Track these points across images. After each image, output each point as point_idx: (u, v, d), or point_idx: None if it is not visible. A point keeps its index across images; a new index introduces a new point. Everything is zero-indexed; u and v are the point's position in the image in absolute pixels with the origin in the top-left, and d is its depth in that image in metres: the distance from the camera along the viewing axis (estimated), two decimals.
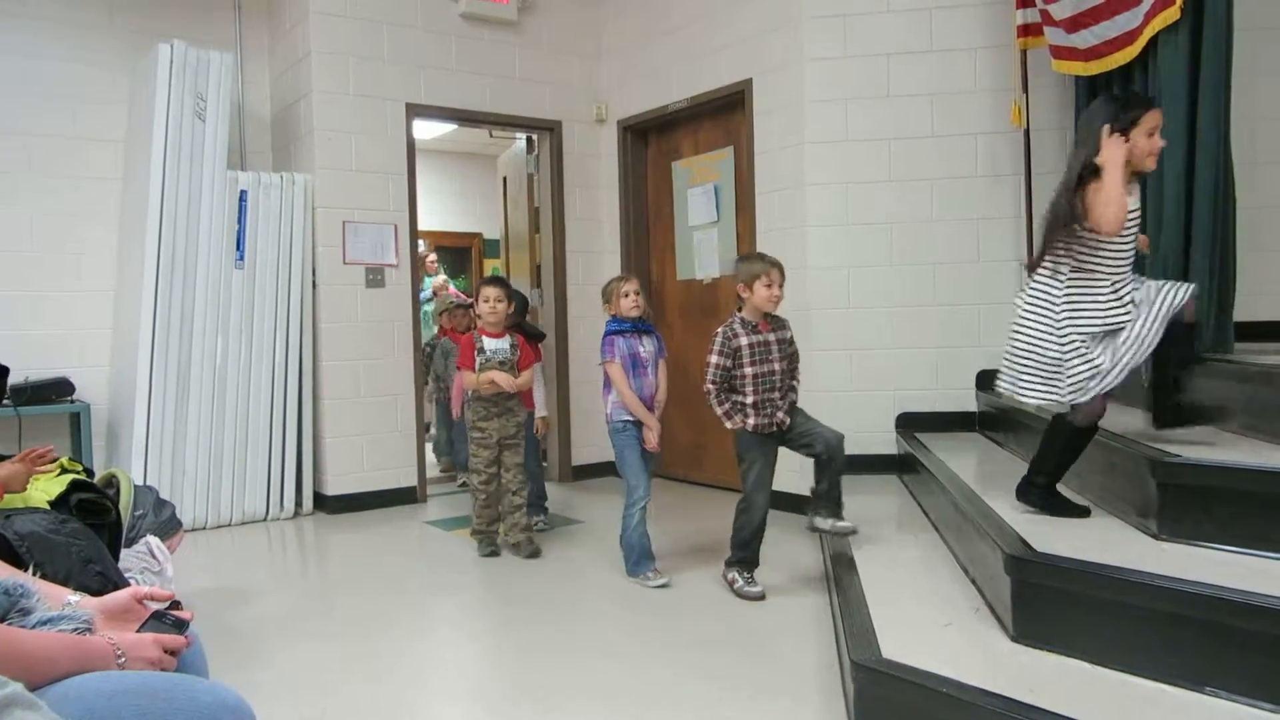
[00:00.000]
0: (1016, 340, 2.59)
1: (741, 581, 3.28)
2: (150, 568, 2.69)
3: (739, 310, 3.32)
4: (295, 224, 4.92)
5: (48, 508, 2.24)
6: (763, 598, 3.23)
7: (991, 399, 4.14)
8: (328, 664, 2.78)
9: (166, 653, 1.32)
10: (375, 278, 5.12)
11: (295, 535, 4.66)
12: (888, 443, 4.39)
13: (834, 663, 2.61)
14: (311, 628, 3.17)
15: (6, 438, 4.20)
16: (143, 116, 4.75)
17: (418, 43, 5.22)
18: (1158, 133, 2.47)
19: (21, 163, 4.77)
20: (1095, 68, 3.67)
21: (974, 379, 4.37)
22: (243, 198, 4.81)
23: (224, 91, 4.77)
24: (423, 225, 5.79)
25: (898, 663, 2.08)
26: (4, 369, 4.30)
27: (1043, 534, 2.35)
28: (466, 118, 5.53)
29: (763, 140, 4.73)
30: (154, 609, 1.39)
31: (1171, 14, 3.10)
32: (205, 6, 5.25)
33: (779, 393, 3.26)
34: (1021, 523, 2.48)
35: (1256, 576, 1.92)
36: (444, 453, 6.28)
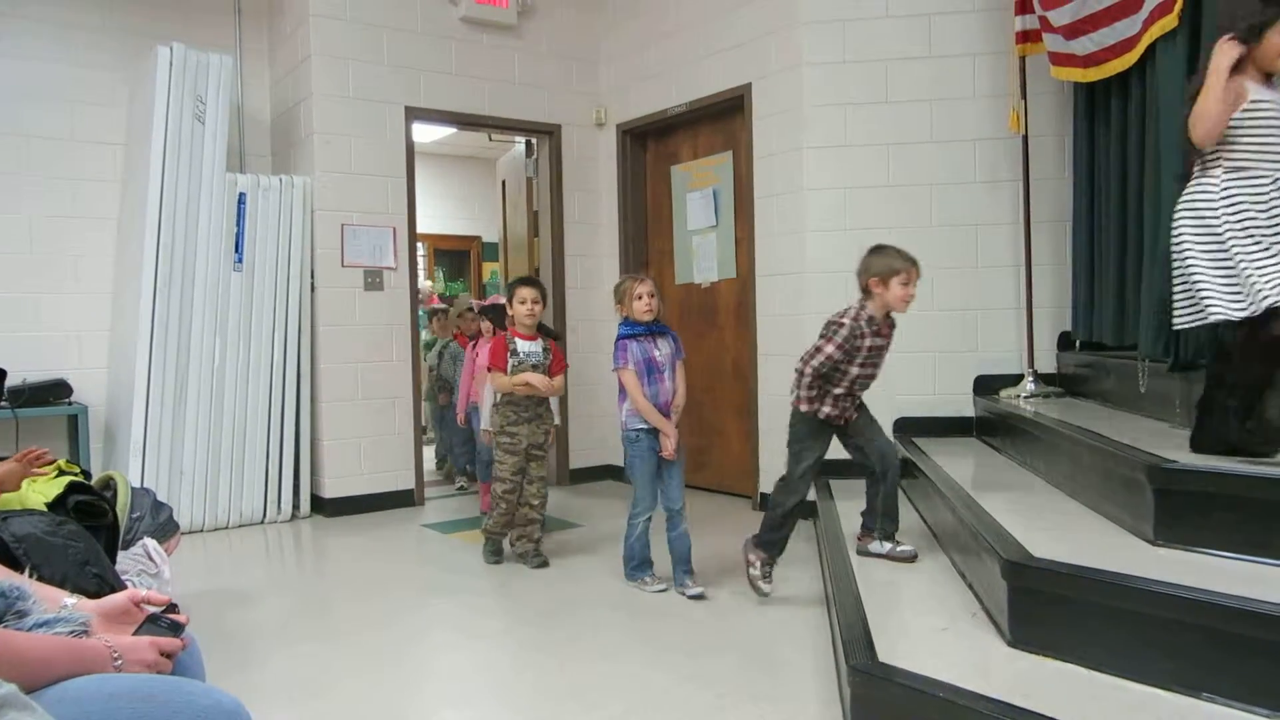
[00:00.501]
0: (1184, 259, 2.40)
1: (758, 569, 3.18)
2: (147, 570, 2.68)
3: (864, 305, 3.06)
4: (294, 226, 4.92)
5: (45, 510, 2.23)
6: (767, 596, 3.19)
7: (989, 404, 4.15)
8: (324, 667, 2.78)
9: (163, 655, 1.32)
10: (374, 280, 5.12)
11: (292, 538, 4.66)
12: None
13: (831, 667, 2.61)
14: (308, 631, 3.16)
15: (4, 440, 4.20)
16: (142, 119, 4.75)
17: (417, 46, 5.22)
18: None
19: (21, 165, 4.77)
20: (1094, 74, 3.68)
21: (971, 384, 4.38)
22: (242, 200, 4.81)
23: (223, 94, 4.78)
24: (421, 228, 5.78)
25: (894, 667, 2.09)
26: (1, 371, 4.32)
27: (1039, 540, 2.35)
28: (466, 121, 5.53)
29: (762, 145, 4.74)
30: (150, 612, 1.39)
31: (1169, 21, 3.11)
32: (205, 9, 5.26)
33: (863, 392, 3.15)
34: (1018, 528, 2.48)
35: (1252, 583, 1.92)
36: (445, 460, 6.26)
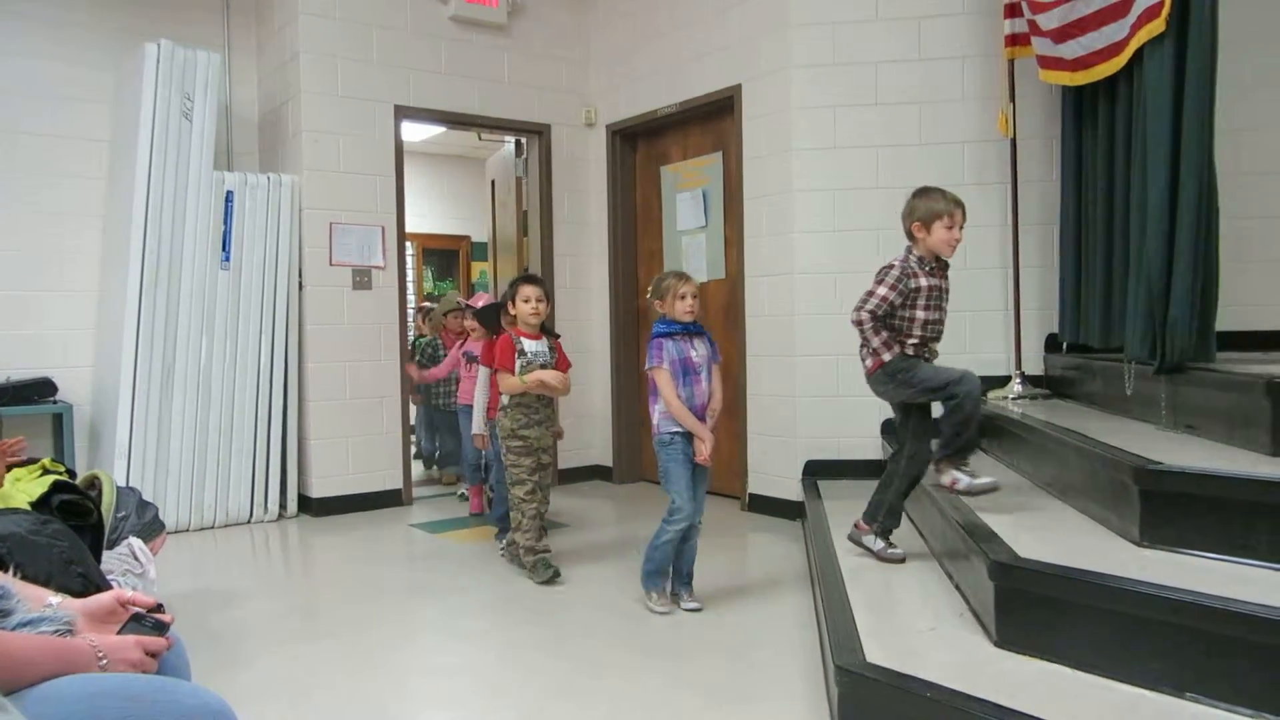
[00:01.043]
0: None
1: (884, 544, 3.07)
2: (133, 569, 2.67)
3: (910, 249, 2.98)
4: (282, 225, 4.90)
5: (29, 509, 2.22)
6: (903, 560, 3.05)
7: None
8: (310, 667, 2.77)
9: (148, 655, 1.31)
10: (362, 279, 5.10)
11: (279, 538, 4.64)
12: (874, 448, 4.40)
13: (818, 667, 2.62)
14: (294, 631, 3.15)
15: None
16: (129, 116, 4.72)
17: (406, 45, 5.21)
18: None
19: (4, 161, 4.73)
20: (1082, 78, 3.70)
21: None
22: (229, 198, 4.78)
23: (211, 91, 4.75)
24: (410, 227, 5.77)
25: (881, 667, 2.09)
26: None
27: (1026, 541, 2.36)
28: (455, 120, 5.52)
29: (752, 146, 4.75)
30: (135, 611, 1.38)
31: (1157, 26, 3.13)
32: (193, 6, 5.23)
33: (936, 343, 3.01)
34: (1005, 529, 2.49)
35: (1237, 583, 1.93)
36: (433, 462, 6.23)
